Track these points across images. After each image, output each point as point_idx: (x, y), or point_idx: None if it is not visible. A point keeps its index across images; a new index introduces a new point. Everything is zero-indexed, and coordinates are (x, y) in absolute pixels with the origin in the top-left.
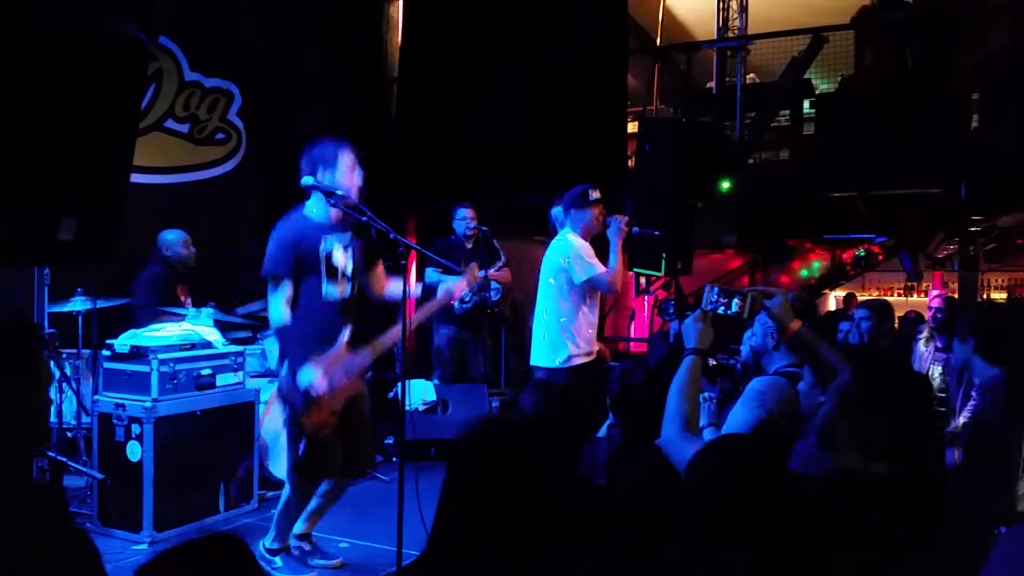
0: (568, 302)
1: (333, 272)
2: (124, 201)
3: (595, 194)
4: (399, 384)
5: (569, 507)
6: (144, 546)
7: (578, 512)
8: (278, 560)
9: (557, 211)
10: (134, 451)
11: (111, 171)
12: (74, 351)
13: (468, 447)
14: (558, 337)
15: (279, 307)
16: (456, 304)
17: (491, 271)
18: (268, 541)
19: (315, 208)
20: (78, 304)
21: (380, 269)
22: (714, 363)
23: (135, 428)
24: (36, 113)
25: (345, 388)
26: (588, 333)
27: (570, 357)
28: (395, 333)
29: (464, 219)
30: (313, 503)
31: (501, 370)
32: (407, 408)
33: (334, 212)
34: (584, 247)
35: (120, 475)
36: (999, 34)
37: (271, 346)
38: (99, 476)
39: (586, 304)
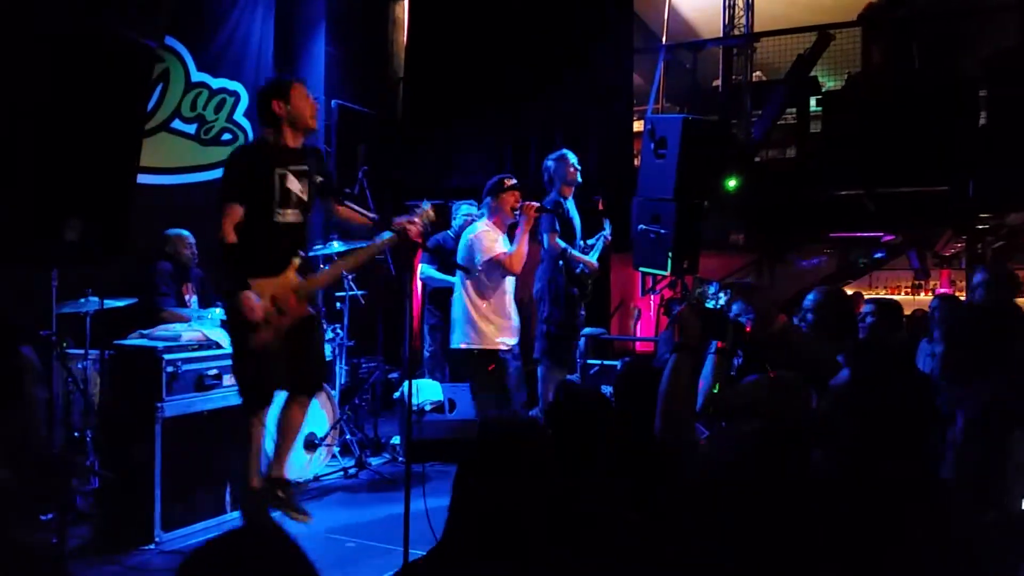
0: (477, 287)
1: (286, 198)
2: (131, 202)
3: (509, 181)
4: (405, 384)
5: (579, 507)
6: (151, 546)
7: (588, 511)
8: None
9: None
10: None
11: (118, 172)
12: (82, 352)
13: (480, 447)
14: (472, 320)
15: (226, 229)
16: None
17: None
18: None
19: (275, 132)
20: (87, 305)
21: (336, 201)
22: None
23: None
24: (43, 116)
25: (293, 311)
26: (500, 318)
27: (484, 340)
28: (344, 264)
29: (468, 216)
30: (273, 439)
31: None
32: (413, 408)
33: (291, 138)
34: (486, 233)
35: (127, 475)
36: (1007, 30)
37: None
38: (107, 475)
39: (496, 288)
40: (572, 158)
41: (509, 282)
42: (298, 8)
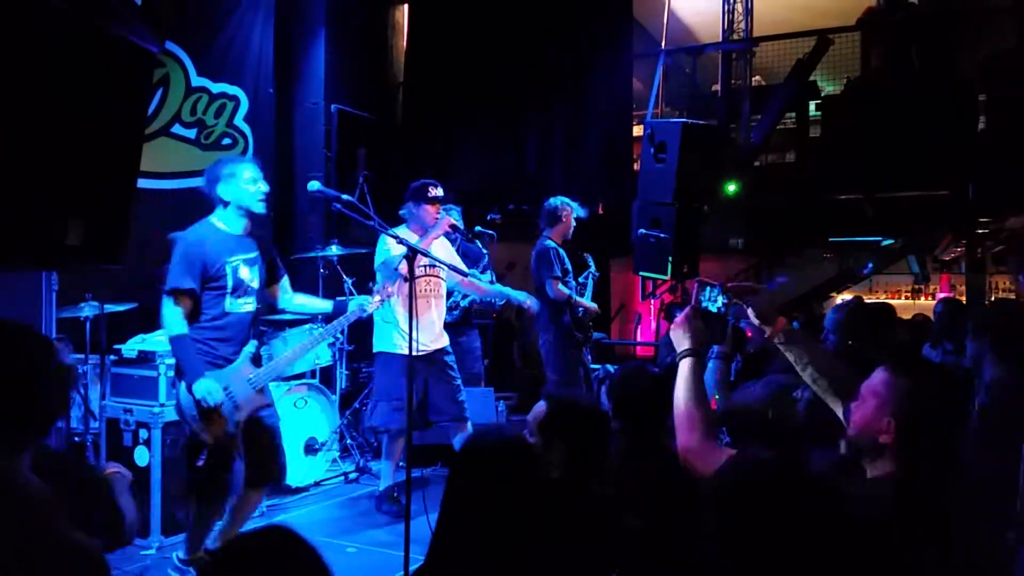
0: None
1: (239, 286)
2: (131, 206)
3: (435, 191)
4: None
5: (573, 512)
6: (152, 551)
7: (583, 517)
8: (192, 571)
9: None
10: (142, 456)
11: (118, 176)
12: (82, 356)
13: (470, 453)
14: (384, 326)
15: (177, 319)
16: (447, 315)
17: (477, 273)
18: (181, 552)
19: (224, 219)
20: (86, 310)
21: (285, 283)
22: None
23: (143, 433)
24: (43, 119)
25: (250, 402)
26: (406, 322)
27: (398, 345)
28: (302, 348)
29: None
30: (224, 520)
31: (508, 374)
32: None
33: (243, 225)
34: (392, 239)
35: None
36: (1006, 34)
37: (278, 350)
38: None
39: (408, 294)
40: (576, 212)
41: (426, 289)
42: (298, 13)
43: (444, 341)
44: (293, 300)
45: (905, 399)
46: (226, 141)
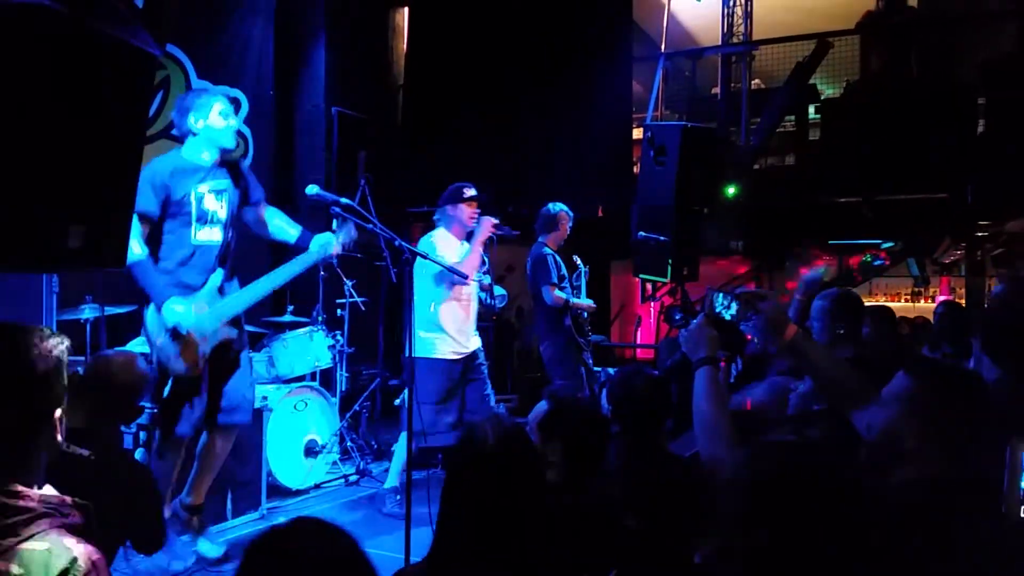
0: (433, 296)
1: (204, 216)
2: (132, 209)
3: (468, 191)
4: (405, 390)
5: (572, 512)
6: None
7: (582, 516)
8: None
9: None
10: (141, 458)
11: (120, 178)
12: (82, 359)
13: (469, 443)
14: (429, 330)
15: (133, 243)
16: None
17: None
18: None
19: (194, 149)
20: (87, 312)
21: (262, 205)
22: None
23: (143, 435)
24: (44, 121)
25: (216, 334)
26: (456, 326)
27: (436, 347)
28: (264, 285)
29: None
30: (194, 466)
31: (507, 376)
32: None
33: (213, 156)
34: (441, 240)
35: None
36: (1005, 37)
37: (279, 352)
38: None
39: (452, 298)
40: (570, 219)
41: (468, 292)
42: (298, 15)
43: (478, 342)
44: (258, 219)
45: (931, 404)
46: None
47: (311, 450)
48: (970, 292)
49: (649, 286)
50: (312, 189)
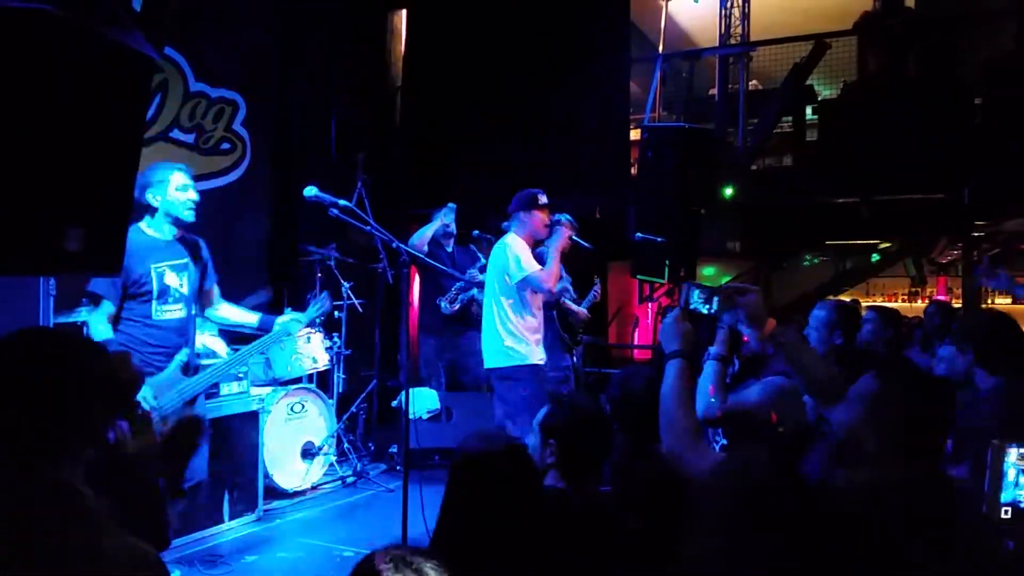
0: (510, 303)
1: (164, 292)
2: (129, 212)
3: (543, 199)
4: (402, 392)
5: (572, 513)
6: None
7: (582, 517)
8: None
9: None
10: None
11: (117, 182)
12: None
13: (468, 454)
14: (508, 338)
15: (98, 325)
16: (444, 306)
17: (475, 274)
18: None
19: (152, 225)
20: (83, 315)
21: (215, 292)
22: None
23: None
24: (41, 123)
25: (176, 413)
26: (533, 335)
27: (523, 355)
28: (221, 368)
29: (446, 224)
30: None
31: None
32: (411, 416)
33: (172, 231)
34: (522, 248)
35: None
36: (1003, 37)
37: (276, 354)
38: None
39: (528, 306)
40: (574, 227)
41: (539, 300)
42: (296, 18)
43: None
44: (216, 311)
45: (889, 406)
46: (225, 146)
47: (308, 452)
48: (967, 292)
49: (647, 287)
50: (311, 191)
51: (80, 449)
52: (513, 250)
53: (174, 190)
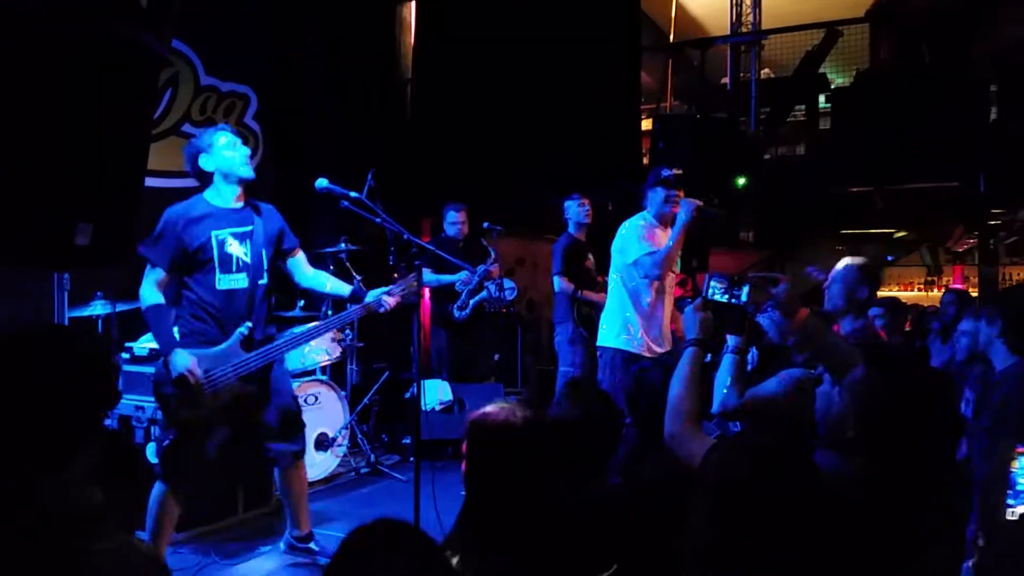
0: (626, 287)
1: (227, 261)
2: (138, 205)
3: (667, 172)
4: (415, 384)
5: (586, 506)
6: None
7: (595, 511)
8: None
9: (569, 204)
10: (153, 453)
11: (126, 177)
12: None
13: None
14: (617, 322)
15: (149, 289)
16: (456, 312)
17: (487, 268)
18: None
19: (214, 192)
20: (98, 308)
21: (300, 256)
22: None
23: (154, 430)
24: (49, 120)
25: (230, 390)
26: (649, 323)
27: (632, 343)
28: (303, 335)
29: (455, 223)
30: (288, 506)
31: (517, 369)
32: (423, 408)
33: (234, 193)
34: (642, 227)
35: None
36: (1017, 24)
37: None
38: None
39: (648, 291)
40: (586, 203)
41: (665, 286)
42: (305, 10)
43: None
44: (307, 275)
45: (871, 395)
46: None
47: (322, 443)
48: (983, 280)
49: None
50: (322, 182)
51: (84, 447)
52: (629, 230)
53: (224, 150)
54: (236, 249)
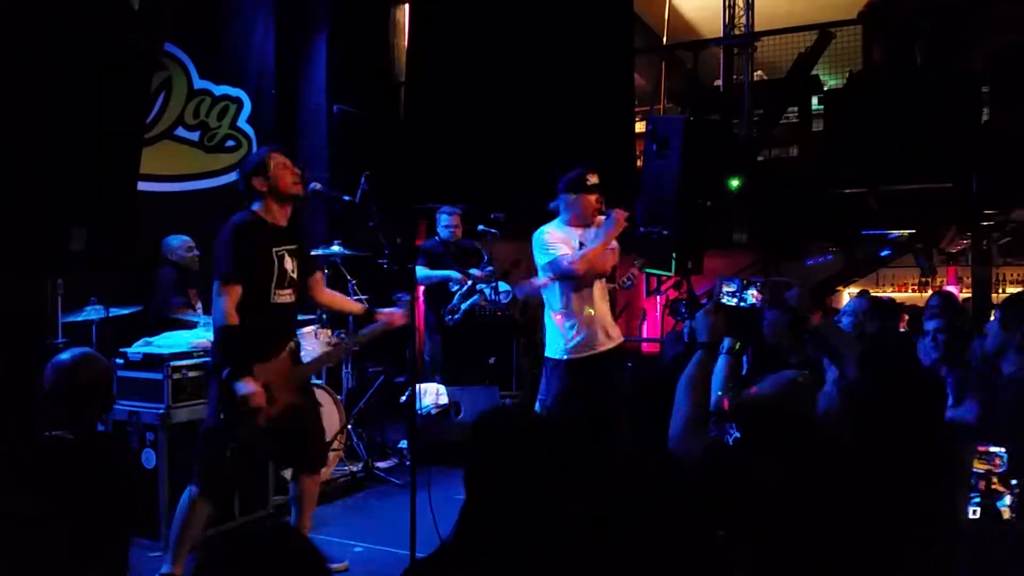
0: (555, 292)
1: (283, 277)
2: (134, 210)
3: (592, 179)
4: (410, 388)
5: (585, 503)
6: (160, 553)
7: (593, 508)
8: None
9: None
10: (149, 458)
11: (119, 180)
12: None
13: (479, 439)
14: (554, 329)
15: (226, 309)
16: (448, 318)
17: (478, 273)
18: (164, 568)
19: (266, 210)
20: (91, 313)
21: (319, 276)
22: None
23: (149, 435)
24: (43, 124)
25: (285, 398)
26: (582, 324)
27: (566, 349)
28: (331, 357)
29: (448, 227)
30: (293, 514)
31: (512, 372)
32: (418, 411)
33: (286, 213)
34: (551, 233)
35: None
36: (1010, 25)
37: None
38: None
39: (577, 292)
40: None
41: (596, 287)
42: (299, 14)
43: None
44: (324, 296)
45: (859, 399)
46: (229, 143)
47: None
48: (977, 281)
49: (654, 280)
50: (314, 186)
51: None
52: (538, 237)
53: (277, 168)
54: (289, 265)
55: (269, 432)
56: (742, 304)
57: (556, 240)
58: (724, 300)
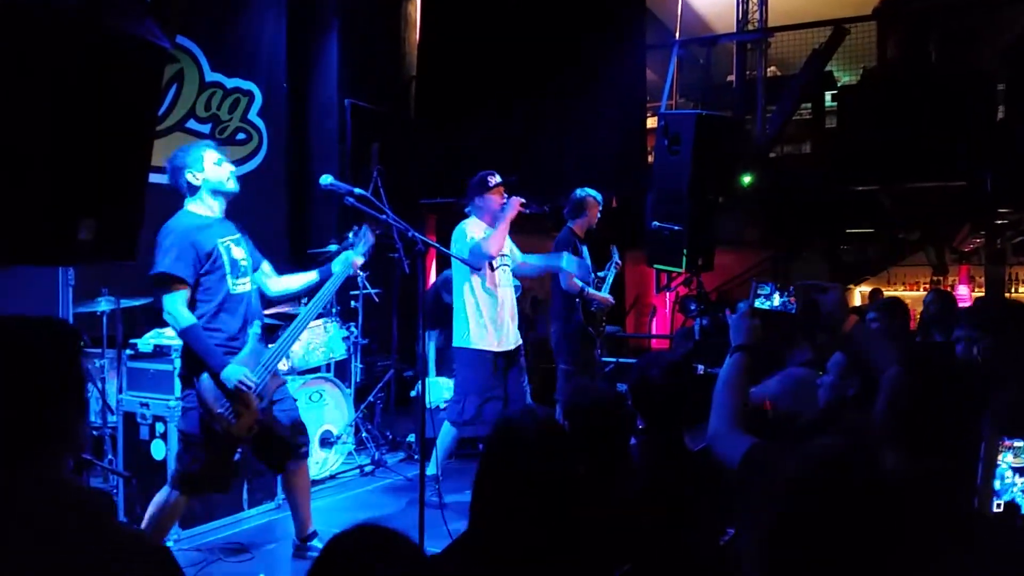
0: (467, 285)
1: (235, 266)
2: (143, 201)
3: (494, 179)
4: (419, 382)
5: (595, 501)
6: (171, 543)
7: (603, 504)
8: None
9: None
10: (159, 449)
11: (130, 172)
12: (99, 351)
13: (505, 432)
14: (463, 319)
15: (182, 311)
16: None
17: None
18: None
19: (202, 205)
20: (103, 304)
21: (266, 267)
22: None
23: (159, 427)
24: (53, 116)
25: (268, 387)
26: (492, 316)
27: (472, 339)
28: (297, 327)
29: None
30: (291, 505)
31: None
32: (428, 406)
33: (221, 207)
34: (471, 224)
35: (145, 473)
36: None
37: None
38: (125, 474)
39: (487, 286)
40: (599, 204)
41: (499, 280)
42: (311, 7)
43: (517, 335)
44: (276, 285)
45: (903, 396)
46: (241, 136)
47: (326, 441)
48: (990, 280)
49: (664, 276)
50: (326, 179)
51: (59, 448)
52: (459, 230)
53: (212, 165)
54: (239, 254)
55: (242, 441)
56: (775, 308)
57: (474, 229)
58: (758, 304)
